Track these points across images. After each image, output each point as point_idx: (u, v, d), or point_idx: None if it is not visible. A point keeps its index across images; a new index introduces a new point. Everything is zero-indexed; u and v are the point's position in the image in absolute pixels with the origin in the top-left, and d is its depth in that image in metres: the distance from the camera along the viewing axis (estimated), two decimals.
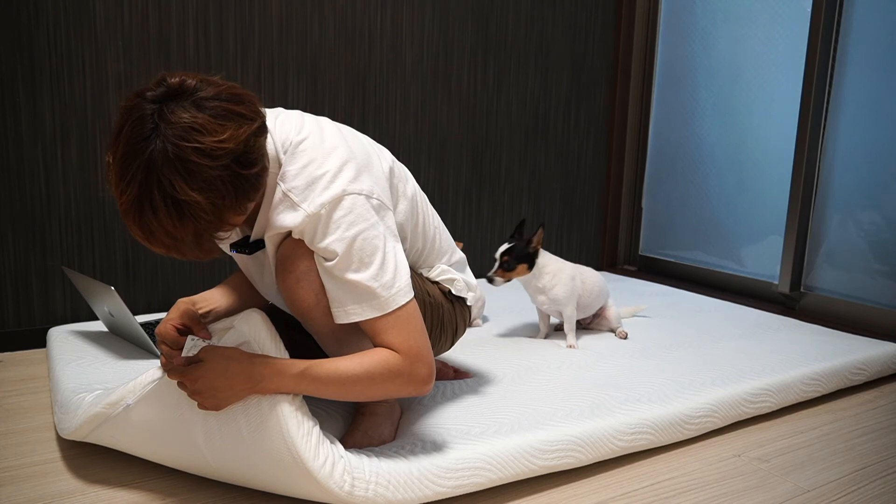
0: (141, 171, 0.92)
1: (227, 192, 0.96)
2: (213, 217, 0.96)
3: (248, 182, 0.99)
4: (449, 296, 1.40)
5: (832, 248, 2.41)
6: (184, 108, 0.94)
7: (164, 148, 0.92)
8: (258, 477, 1.10)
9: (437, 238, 1.38)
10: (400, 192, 1.25)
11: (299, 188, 1.07)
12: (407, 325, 1.10)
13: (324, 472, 1.05)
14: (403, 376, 1.09)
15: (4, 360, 1.85)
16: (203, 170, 0.93)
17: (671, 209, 3.05)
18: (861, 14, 2.28)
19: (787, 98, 2.50)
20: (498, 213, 2.82)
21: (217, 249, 1.06)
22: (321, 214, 1.06)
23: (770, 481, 1.27)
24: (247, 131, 0.97)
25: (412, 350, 1.09)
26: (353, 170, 1.10)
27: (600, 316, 2.05)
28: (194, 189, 0.93)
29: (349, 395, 1.10)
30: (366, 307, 1.08)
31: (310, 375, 1.07)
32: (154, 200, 0.93)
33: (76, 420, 1.23)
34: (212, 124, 0.94)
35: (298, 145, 1.10)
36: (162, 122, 0.93)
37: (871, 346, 1.94)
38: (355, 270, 1.07)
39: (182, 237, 0.97)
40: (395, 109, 2.50)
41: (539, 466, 1.23)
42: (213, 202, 0.95)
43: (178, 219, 0.94)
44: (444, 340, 1.41)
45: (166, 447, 1.17)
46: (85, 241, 2.02)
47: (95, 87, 1.97)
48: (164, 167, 0.92)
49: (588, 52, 2.93)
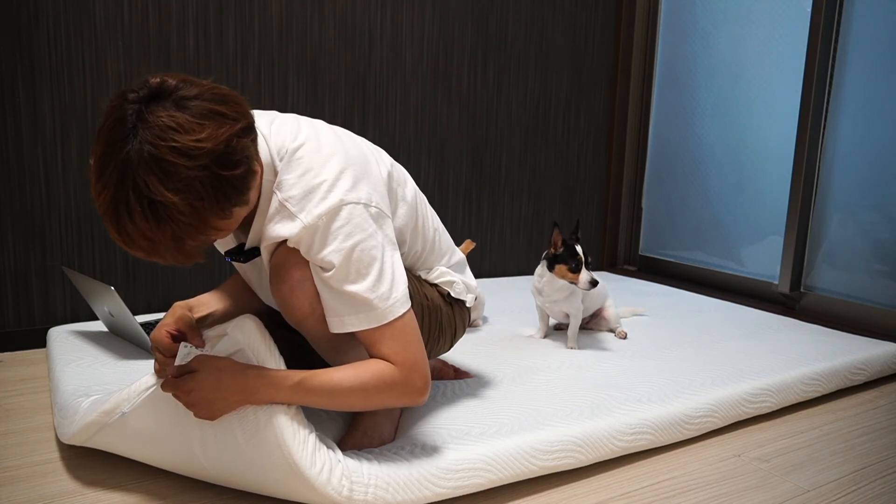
0: (117, 172, 0.90)
1: (205, 194, 0.92)
2: (191, 220, 0.93)
3: (230, 184, 0.95)
4: (448, 298, 1.39)
5: (832, 248, 2.41)
6: (164, 107, 0.91)
7: (140, 148, 0.90)
8: (257, 484, 1.10)
9: (436, 239, 1.37)
10: (399, 196, 1.23)
11: (296, 198, 1.05)
12: (403, 335, 1.09)
13: (321, 478, 1.05)
14: (398, 388, 1.08)
15: (4, 360, 1.85)
16: (179, 170, 0.90)
17: (671, 209, 3.05)
18: (861, 14, 2.28)
19: (787, 98, 2.50)
20: (498, 213, 2.82)
21: (200, 255, 1.02)
22: (318, 225, 1.04)
23: (770, 481, 1.27)
24: (228, 131, 0.93)
25: (408, 361, 1.09)
26: (350, 178, 1.08)
27: (599, 316, 2.05)
28: (170, 190, 0.90)
29: (344, 406, 1.10)
30: (362, 318, 1.07)
31: (304, 387, 1.06)
32: (130, 202, 0.90)
33: (74, 426, 1.23)
34: (190, 123, 0.91)
35: (295, 152, 1.08)
36: (140, 123, 0.90)
37: (871, 346, 1.94)
38: (352, 282, 1.05)
39: (160, 240, 0.94)
40: (395, 109, 2.50)
41: (539, 467, 1.23)
42: (190, 204, 0.91)
43: (154, 221, 0.91)
44: (442, 343, 1.40)
45: (163, 454, 1.17)
46: (85, 241, 2.02)
47: (95, 87, 1.97)
48: (140, 167, 0.89)
49: (588, 52, 2.93)
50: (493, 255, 2.82)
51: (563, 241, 1.78)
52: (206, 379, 1.05)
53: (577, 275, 1.75)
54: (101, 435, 1.20)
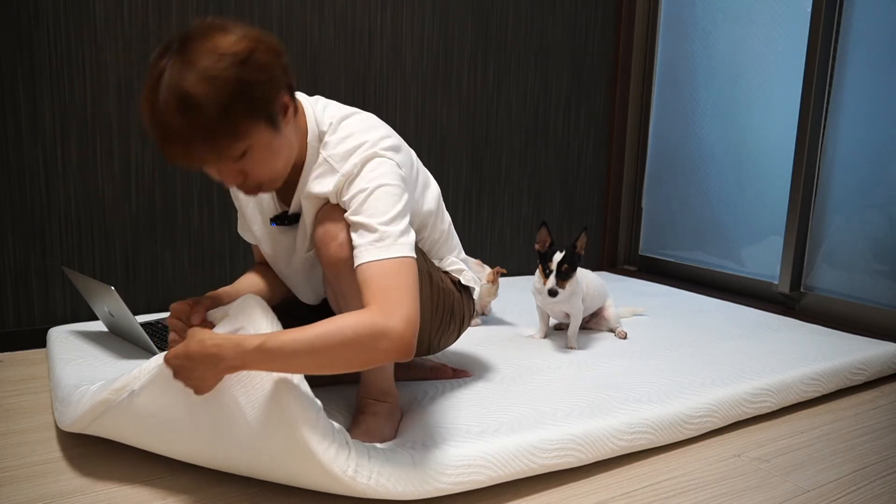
0: (156, 74, 1.02)
1: (229, 91, 1.01)
2: (218, 115, 1.00)
3: (253, 87, 1.03)
4: (458, 286, 1.45)
5: (832, 248, 2.41)
6: (200, 35, 1.03)
7: (177, 58, 1.01)
8: (262, 461, 1.10)
9: (450, 233, 1.47)
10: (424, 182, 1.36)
11: (339, 155, 1.17)
12: (400, 276, 1.07)
13: (329, 454, 1.05)
14: (378, 328, 1.00)
15: (4, 360, 1.85)
16: (207, 67, 0.99)
17: (671, 209, 3.05)
18: (861, 14, 2.28)
19: (787, 98, 2.50)
20: (498, 213, 2.82)
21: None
22: (353, 172, 1.15)
23: (770, 481, 1.27)
24: (252, 45, 1.03)
25: (394, 301, 1.03)
26: (389, 143, 1.19)
27: (599, 316, 2.05)
28: (197, 81, 0.99)
29: (325, 363, 1.02)
30: (370, 248, 1.09)
31: (276, 342, 1.01)
32: (163, 98, 1.00)
33: (78, 410, 1.24)
34: (221, 38, 1.02)
35: (343, 120, 1.21)
36: (180, 44, 1.02)
37: (871, 346, 1.94)
38: (370, 215, 1.11)
39: (194, 139, 1.01)
40: (395, 109, 2.50)
41: (539, 465, 1.23)
42: (217, 97, 1.00)
43: (183, 114, 0.99)
44: (452, 329, 1.45)
45: (169, 434, 1.17)
46: (85, 241, 2.02)
47: (95, 87, 1.97)
48: (174, 69, 1.00)
49: (588, 52, 2.93)
50: (493, 255, 2.82)
51: (550, 243, 1.81)
52: (181, 347, 1.06)
53: (547, 278, 1.77)
54: (106, 417, 1.20)
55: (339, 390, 1.47)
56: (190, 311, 1.22)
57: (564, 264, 1.75)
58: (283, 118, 1.11)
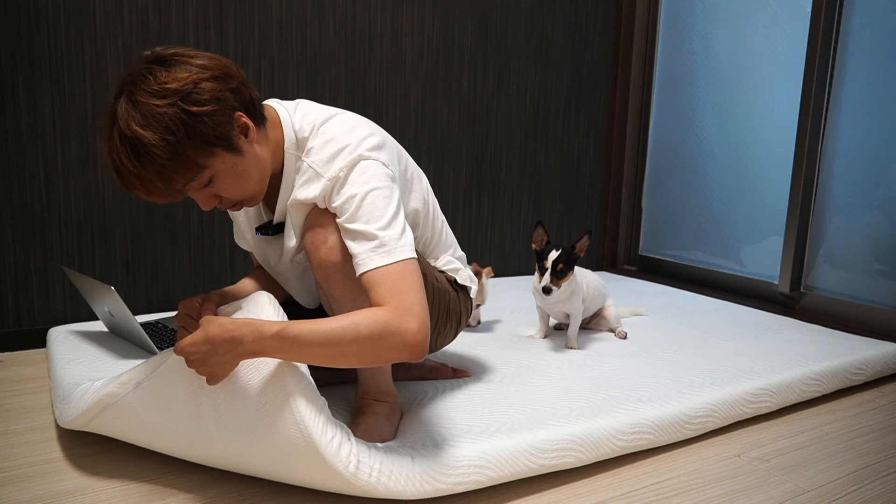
0: (108, 121, 1.06)
1: (176, 129, 1.03)
2: (169, 155, 1.03)
3: (200, 120, 1.04)
4: (454, 285, 1.45)
5: (832, 248, 2.41)
6: (149, 69, 1.05)
7: (125, 100, 1.04)
8: (264, 456, 1.09)
9: (444, 231, 1.45)
10: (415, 178, 1.34)
11: (322, 160, 1.16)
12: (404, 279, 1.08)
13: (331, 448, 1.05)
14: (392, 329, 1.02)
15: (4, 360, 1.85)
16: (151, 109, 1.02)
17: (671, 209, 3.05)
18: (861, 14, 2.28)
19: (787, 98, 2.50)
20: (498, 213, 2.82)
21: (179, 194, 1.11)
22: (339, 177, 1.14)
23: (770, 481, 1.27)
24: (195, 76, 1.05)
25: (404, 303, 1.05)
26: (372, 143, 1.18)
27: (599, 316, 2.05)
28: (142, 126, 1.02)
29: (338, 357, 1.04)
30: (372, 255, 1.09)
31: (293, 331, 1.03)
32: (115, 144, 1.04)
33: (81, 406, 1.24)
34: (164, 74, 1.04)
35: (323, 124, 1.20)
36: (130, 85, 1.05)
37: (871, 346, 1.94)
38: (366, 222, 1.11)
39: (148, 178, 1.04)
40: (395, 109, 2.50)
41: (539, 465, 1.23)
42: (163, 138, 1.02)
43: (136, 158, 1.03)
44: (449, 329, 1.44)
45: (171, 428, 1.16)
46: (85, 241, 2.02)
47: (95, 87, 1.97)
48: (122, 114, 1.03)
49: (588, 52, 2.93)
50: (493, 255, 2.82)
51: (547, 241, 1.82)
52: (199, 333, 1.06)
53: (542, 276, 1.78)
54: (109, 413, 1.20)
55: (340, 390, 1.47)
56: (200, 307, 1.23)
57: (560, 263, 1.76)
58: (245, 138, 1.12)
